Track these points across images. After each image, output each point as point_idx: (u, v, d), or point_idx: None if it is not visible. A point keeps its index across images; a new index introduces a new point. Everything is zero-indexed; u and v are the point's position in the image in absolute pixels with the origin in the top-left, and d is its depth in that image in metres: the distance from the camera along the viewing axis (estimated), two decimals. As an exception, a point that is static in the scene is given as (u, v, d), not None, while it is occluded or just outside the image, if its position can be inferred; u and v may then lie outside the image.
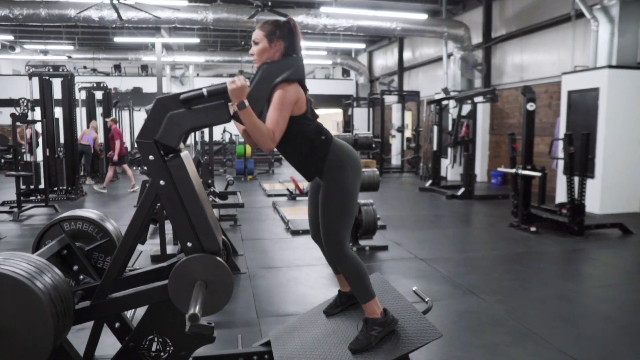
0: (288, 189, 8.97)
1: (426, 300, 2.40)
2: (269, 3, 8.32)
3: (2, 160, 14.20)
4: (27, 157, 8.41)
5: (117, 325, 2.47)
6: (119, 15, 8.71)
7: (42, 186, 8.42)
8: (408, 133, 15.52)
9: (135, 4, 8.90)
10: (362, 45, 17.14)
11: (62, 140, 9.45)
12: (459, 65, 11.64)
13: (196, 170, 2.30)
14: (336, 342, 2.30)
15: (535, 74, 10.03)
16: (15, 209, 7.11)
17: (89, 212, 2.61)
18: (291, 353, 2.36)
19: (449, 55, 12.41)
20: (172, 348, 2.20)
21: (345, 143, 2.29)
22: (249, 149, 12.16)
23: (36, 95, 8.78)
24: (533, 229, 5.99)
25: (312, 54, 17.61)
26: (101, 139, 12.17)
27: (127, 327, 2.36)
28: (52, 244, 2.27)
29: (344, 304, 2.56)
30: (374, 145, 5.49)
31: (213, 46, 18.82)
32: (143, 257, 4.59)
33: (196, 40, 14.74)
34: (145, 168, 4.08)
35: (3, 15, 9.54)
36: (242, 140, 12.60)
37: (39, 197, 8.21)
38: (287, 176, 11.27)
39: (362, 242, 5.34)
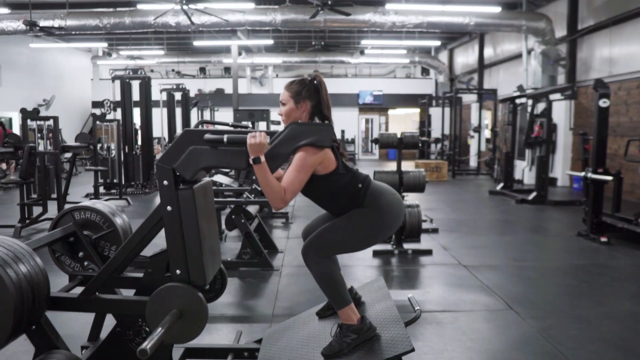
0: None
1: (416, 309, 2.24)
2: (329, 2, 8.30)
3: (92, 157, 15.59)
4: (115, 155, 9.17)
5: (117, 311, 2.60)
6: (190, 20, 9.19)
7: (116, 180, 9.11)
8: (488, 133, 14.74)
9: (205, 8, 9.34)
10: (437, 43, 16.51)
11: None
12: (539, 61, 10.80)
13: (213, 200, 2.28)
14: (315, 346, 2.22)
15: (626, 67, 9.01)
16: (93, 201, 7.78)
17: (101, 203, 2.76)
18: (274, 353, 2.32)
19: (529, 51, 11.56)
20: (156, 337, 2.26)
21: (386, 186, 2.22)
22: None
23: (119, 97, 9.57)
24: (604, 239, 5.37)
25: (389, 52, 17.28)
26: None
27: (128, 313, 2.46)
28: (55, 231, 2.42)
29: (336, 307, 2.46)
30: (420, 145, 5.26)
31: (291, 47, 19.18)
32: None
33: (270, 41, 15.09)
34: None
35: (94, 25, 10.53)
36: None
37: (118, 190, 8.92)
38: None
39: (406, 245, 5.14)
